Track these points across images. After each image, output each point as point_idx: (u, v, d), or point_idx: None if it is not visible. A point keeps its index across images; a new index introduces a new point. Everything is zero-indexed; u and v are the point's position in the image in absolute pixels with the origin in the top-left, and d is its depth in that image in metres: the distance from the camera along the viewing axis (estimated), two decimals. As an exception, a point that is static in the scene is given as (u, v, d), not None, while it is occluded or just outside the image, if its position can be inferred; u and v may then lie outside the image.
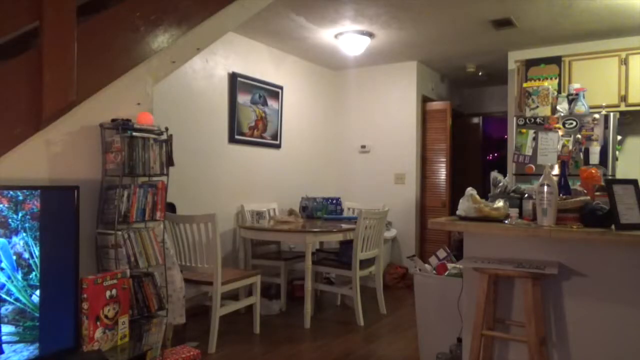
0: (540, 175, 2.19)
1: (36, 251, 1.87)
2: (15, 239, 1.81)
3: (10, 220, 1.80)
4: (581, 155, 4.09)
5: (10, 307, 1.78)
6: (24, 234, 1.83)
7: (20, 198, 1.83)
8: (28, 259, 1.84)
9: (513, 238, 2.28)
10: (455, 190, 5.86)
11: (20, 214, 1.83)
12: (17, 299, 1.80)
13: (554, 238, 2.14)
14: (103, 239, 2.36)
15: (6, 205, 1.80)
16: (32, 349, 1.84)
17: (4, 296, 1.77)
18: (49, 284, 1.91)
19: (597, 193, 2.20)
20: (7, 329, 1.78)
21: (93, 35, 2.35)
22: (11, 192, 1.81)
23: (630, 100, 4.27)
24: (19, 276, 1.81)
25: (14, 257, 1.80)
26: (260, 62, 5.03)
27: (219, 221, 3.34)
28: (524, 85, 4.57)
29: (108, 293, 2.12)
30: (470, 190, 2.42)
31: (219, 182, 4.53)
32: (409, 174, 5.76)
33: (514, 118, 4.44)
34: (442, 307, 2.79)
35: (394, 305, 4.53)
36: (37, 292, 1.87)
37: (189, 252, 3.45)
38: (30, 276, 1.85)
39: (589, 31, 4.51)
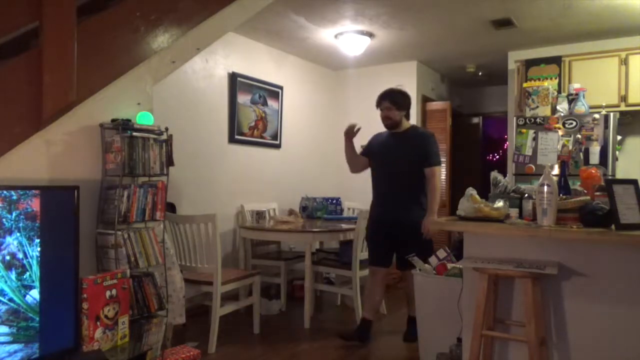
0: (540, 175, 2.19)
1: (30, 251, 1.86)
2: (9, 239, 1.80)
3: (4, 220, 1.79)
4: (581, 155, 4.09)
5: (3, 308, 1.78)
6: (18, 234, 1.83)
7: (14, 198, 1.83)
8: (22, 259, 1.84)
9: (513, 238, 2.27)
10: (455, 190, 5.85)
11: (14, 214, 1.82)
12: (10, 299, 1.80)
13: (554, 238, 2.14)
14: (103, 239, 2.36)
15: (0, 204, 1.79)
16: (26, 350, 1.84)
17: (-4, 296, 1.77)
18: (48, 284, 1.91)
19: (597, 193, 2.20)
20: (0, 329, 1.77)
21: (93, 35, 2.35)
22: (5, 192, 1.81)
23: (630, 100, 4.27)
24: (13, 276, 1.81)
25: (8, 257, 1.80)
26: (260, 62, 5.03)
27: (219, 221, 3.34)
28: (524, 85, 4.57)
29: (108, 293, 2.12)
30: (470, 190, 2.42)
31: (219, 182, 4.53)
32: (409, 174, 5.73)
33: (514, 118, 4.44)
34: (442, 307, 2.79)
35: (394, 305, 4.53)
36: (32, 292, 1.86)
37: (189, 252, 3.45)
38: (24, 276, 1.84)
39: (589, 31, 4.51)
